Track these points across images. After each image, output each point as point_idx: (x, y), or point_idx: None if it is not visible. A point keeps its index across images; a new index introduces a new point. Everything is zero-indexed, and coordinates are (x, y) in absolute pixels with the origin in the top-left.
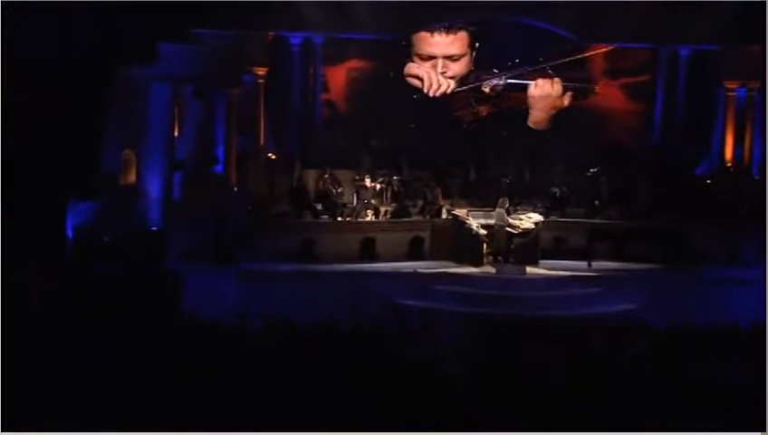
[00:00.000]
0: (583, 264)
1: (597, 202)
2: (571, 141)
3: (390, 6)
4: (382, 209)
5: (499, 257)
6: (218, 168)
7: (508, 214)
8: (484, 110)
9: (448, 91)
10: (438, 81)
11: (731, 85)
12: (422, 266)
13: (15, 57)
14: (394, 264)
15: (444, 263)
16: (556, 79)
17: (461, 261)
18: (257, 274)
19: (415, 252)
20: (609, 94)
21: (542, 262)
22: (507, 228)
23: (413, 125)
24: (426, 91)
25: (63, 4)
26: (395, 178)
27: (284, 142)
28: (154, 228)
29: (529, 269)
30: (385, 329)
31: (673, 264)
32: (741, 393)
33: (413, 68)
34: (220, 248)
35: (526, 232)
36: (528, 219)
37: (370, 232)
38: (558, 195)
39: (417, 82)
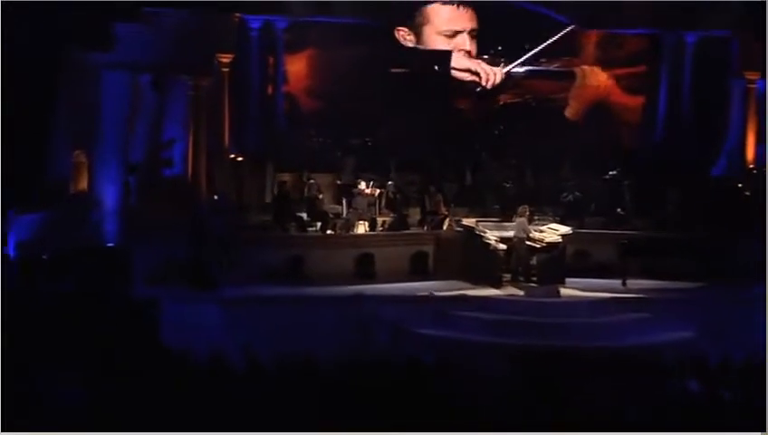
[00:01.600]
0: (615, 282)
1: (620, 210)
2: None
3: None
4: (379, 220)
5: (519, 276)
6: (173, 170)
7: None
8: (497, 101)
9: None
10: (492, 70)
11: (751, 76)
12: (430, 288)
13: None
14: (398, 285)
15: (455, 283)
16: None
17: (476, 281)
18: (244, 300)
19: (417, 270)
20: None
21: (568, 280)
22: (529, 242)
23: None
24: (485, 84)
25: None
26: (389, 183)
27: (246, 141)
28: (111, 244)
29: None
30: (402, 363)
31: (721, 281)
32: None
33: (462, 60)
34: (198, 269)
35: (551, 246)
36: (552, 231)
37: (367, 247)
38: (572, 201)
39: (465, 76)
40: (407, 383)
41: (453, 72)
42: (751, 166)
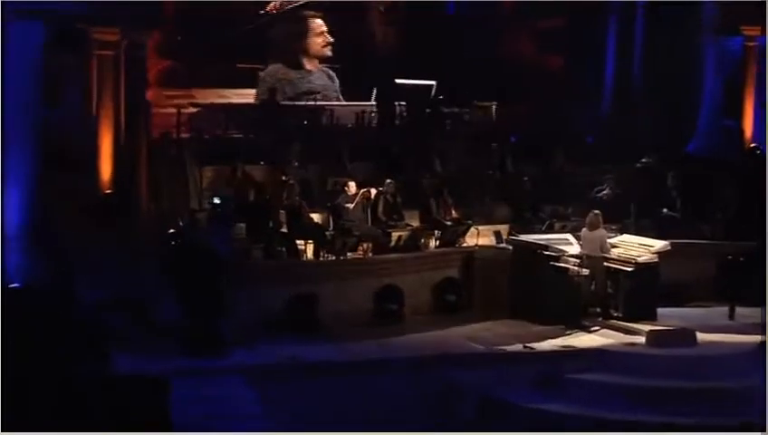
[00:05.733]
0: (711, 313)
1: (666, 210)
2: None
3: None
4: (394, 235)
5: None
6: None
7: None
8: None
9: None
10: None
11: (751, 32)
12: (478, 333)
13: None
14: (438, 332)
15: (510, 325)
16: None
17: (545, 320)
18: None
19: (446, 306)
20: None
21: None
22: (612, 263)
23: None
24: None
25: None
26: (388, 181)
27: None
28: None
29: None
30: None
31: None
32: None
33: None
34: (199, 323)
35: (642, 268)
36: (642, 247)
37: (388, 275)
38: (605, 198)
39: None
40: None
41: None
42: (752, 145)
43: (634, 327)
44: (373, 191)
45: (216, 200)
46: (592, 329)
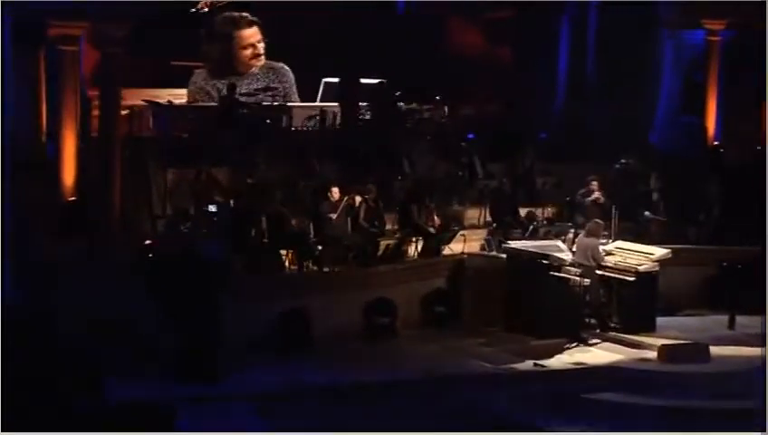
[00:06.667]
0: (714, 323)
1: (648, 213)
2: None
3: None
4: (382, 244)
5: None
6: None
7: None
8: None
9: None
10: None
11: (714, 26)
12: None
13: None
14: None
15: (506, 337)
16: None
17: (544, 333)
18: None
19: (436, 318)
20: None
21: None
22: (611, 272)
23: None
24: None
25: None
26: (369, 185)
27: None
28: None
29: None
30: None
31: None
32: None
33: None
34: (195, 349)
35: (645, 276)
36: (641, 255)
37: (380, 287)
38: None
39: None
40: None
41: None
42: (716, 143)
43: (637, 340)
44: (358, 198)
45: (212, 208)
46: (593, 342)
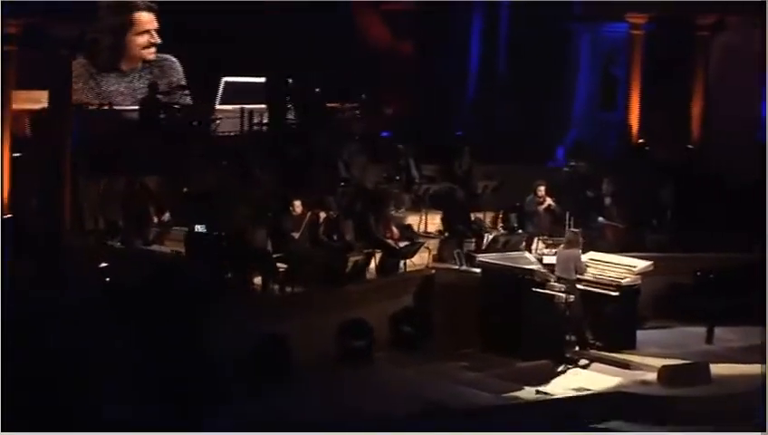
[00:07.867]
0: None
1: (602, 218)
2: None
3: None
4: (351, 260)
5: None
6: None
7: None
8: None
9: None
10: None
11: (637, 20)
12: (459, 370)
13: None
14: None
15: (487, 359)
16: None
17: (528, 355)
18: None
19: (408, 339)
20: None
21: None
22: (592, 287)
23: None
24: None
25: None
26: (330, 198)
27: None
28: None
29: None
30: None
31: None
32: None
33: None
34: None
35: (627, 290)
36: (622, 267)
37: (353, 307)
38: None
39: None
40: None
41: None
42: (640, 141)
43: (626, 359)
44: (322, 214)
45: (200, 228)
46: (581, 363)
